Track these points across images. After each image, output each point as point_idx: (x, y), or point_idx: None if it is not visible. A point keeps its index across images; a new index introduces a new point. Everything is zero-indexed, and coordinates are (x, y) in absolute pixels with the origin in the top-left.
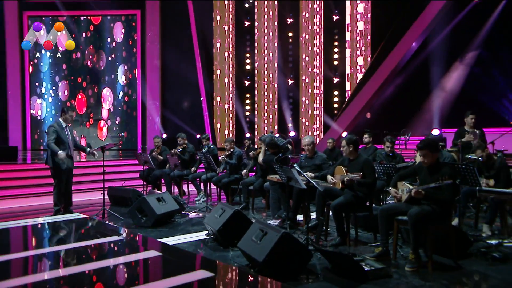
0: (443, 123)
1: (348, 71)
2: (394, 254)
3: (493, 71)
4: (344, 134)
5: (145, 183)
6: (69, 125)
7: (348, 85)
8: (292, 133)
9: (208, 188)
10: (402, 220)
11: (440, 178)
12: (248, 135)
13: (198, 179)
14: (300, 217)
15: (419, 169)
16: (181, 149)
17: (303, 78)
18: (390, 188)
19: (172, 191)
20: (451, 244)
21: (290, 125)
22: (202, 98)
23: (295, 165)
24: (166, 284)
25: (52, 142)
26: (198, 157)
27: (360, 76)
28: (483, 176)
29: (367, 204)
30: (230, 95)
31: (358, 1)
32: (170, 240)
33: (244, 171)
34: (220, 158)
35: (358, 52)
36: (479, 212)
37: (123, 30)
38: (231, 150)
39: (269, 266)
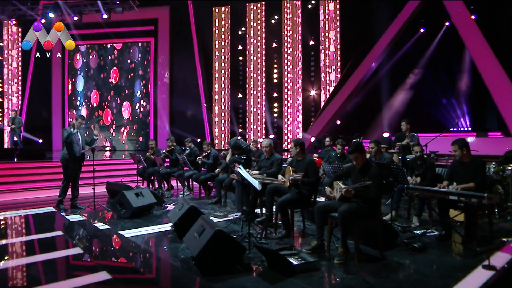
0: (394, 129)
1: (322, 86)
2: (328, 247)
3: (435, 87)
4: (313, 139)
5: (141, 179)
6: (79, 129)
7: (322, 97)
8: (271, 136)
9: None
10: (334, 216)
11: (367, 178)
12: (239, 137)
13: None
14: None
15: (352, 170)
16: (168, 150)
17: (285, 91)
18: (326, 187)
19: (163, 186)
20: (378, 237)
21: (271, 135)
22: (204, 105)
23: (239, 167)
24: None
25: (64, 140)
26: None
27: (331, 89)
28: (415, 174)
29: (312, 199)
30: (225, 107)
31: (329, 29)
32: (139, 231)
33: (217, 169)
34: (197, 158)
35: (330, 70)
36: (411, 206)
37: (139, 54)
38: (208, 151)
39: (203, 261)
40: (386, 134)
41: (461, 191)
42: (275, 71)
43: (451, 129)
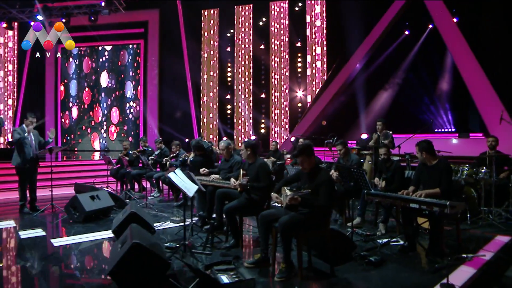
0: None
1: (309, 87)
2: (272, 261)
3: (418, 89)
4: (293, 139)
5: (115, 180)
6: (31, 129)
7: (309, 98)
8: (252, 137)
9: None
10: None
11: (314, 184)
12: (224, 139)
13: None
14: None
15: (301, 174)
16: (139, 150)
17: (273, 92)
18: (272, 193)
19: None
20: (329, 250)
21: (253, 136)
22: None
23: (175, 171)
24: None
25: (15, 142)
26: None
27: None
28: (382, 178)
29: (266, 206)
30: (213, 107)
31: (315, 29)
32: (82, 237)
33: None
34: (164, 159)
35: (316, 71)
36: (378, 211)
37: (130, 56)
38: (177, 152)
39: (117, 276)
40: (364, 136)
41: (422, 199)
42: (262, 72)
43: (436, 130)
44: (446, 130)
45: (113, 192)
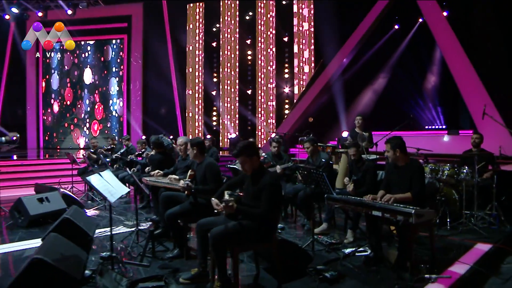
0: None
1: (296, 83)
2: (212, 276)
3: (407, 84)
4: (233, 135)
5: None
6: None
7: (296, 96)
8: (232, 135)
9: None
10: None
11: (256, 188)
12: (208, 136)
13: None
14: None
15: (245, 177)
16: (107, 149)
17: (259, 87)
18: (212, 199)
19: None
20: (277, 264)
21: (233, 134)
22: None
23: (99, 173)
24: None
25: None
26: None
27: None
28: (352, 180)
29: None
30: (199, 103)
31: (303, 25)
32: (15, 246)
33: (147, 168)
34: (129, 157)
35: (304, 66)
36: (347, 217)
37: (113, 52)
38: (142, 150)
39: None
40: (345, 134)
41: (385, 205)
42: (249, 68)
43: (426, 127)
44: (436, 127)
45: (69, 194)
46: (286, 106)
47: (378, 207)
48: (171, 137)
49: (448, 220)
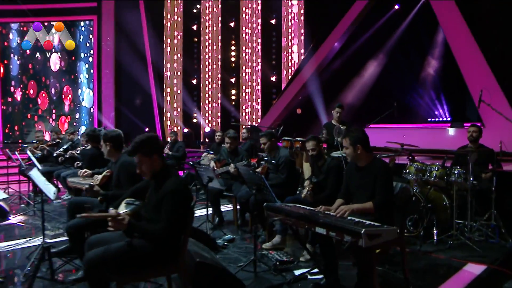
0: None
1: (284, 69)
2: None
3: (406, 71)
4: (207, 129)
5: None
6: None
7: (284, 84)
8: (207, 129)
9: None
10: None
11: (155, 198)
12: (185, 130)
13: None
14: None
15: (151, 184)
16: (50, 144)
17: (243, 75)
18: (111, 209)
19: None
20: None
21: (207, 128)
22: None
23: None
24: None
25: None
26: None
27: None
28: (313, 182)
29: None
30: (177, 93)
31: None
32: None
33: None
34: (68, 153)
35: (290, 50)
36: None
37: (81, 34)
38: (86, 145)
39: None
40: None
41: (331, 220)
42: (232, 53)
43: (429, 119)
44: (441, 119)
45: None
46: (274, 96)
47: (322, 223)
48: (146, 129)
49: (435, 231)
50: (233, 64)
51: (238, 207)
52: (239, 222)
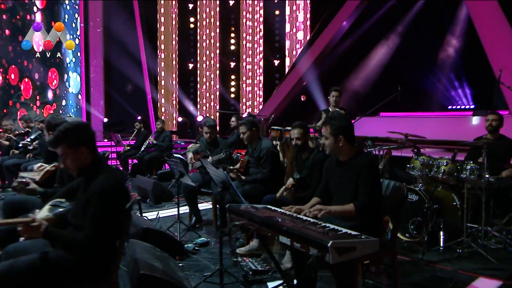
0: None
1: (287, 50)
2: None
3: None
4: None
5: None
6: None
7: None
8: (199, 118)
9: None
10: None
11: (82, 201)
12: (180, 119)
13: None
14: None
15: (81, 181)
16: (19, 133)
17: (244, 59)
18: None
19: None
20: None
21: (200, 117)
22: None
23: None
24: None
25: None
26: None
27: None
28: (295, 179)
29: None
30: (171, 77)
31: None
32: None
33: None
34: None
35: (295, 30)
36: None
37: (66, 14)
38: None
39: None
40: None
41: (294, 229)
42: (232, 35)
43: (449, 107)
44: (463, 107)
45: None
46: (276, 82)
47: (286, 231)
48: (139, 117)
49: (441, 237)
50: (233, 48)
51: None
52: (218, 223)
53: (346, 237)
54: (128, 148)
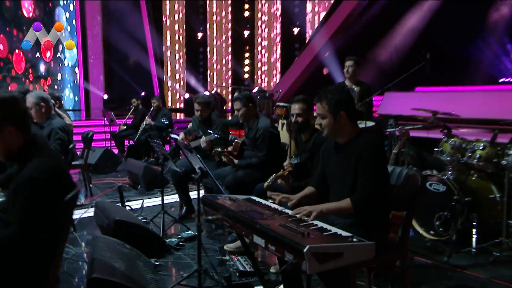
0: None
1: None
2: None
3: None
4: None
5: None
6: None
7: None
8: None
9: None
10: None
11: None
12: (187, 95)
13: None
14: None
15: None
16: None
17: (259, 32)
18: None
19: None
20: None
21: (206, 92)
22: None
23: None
24: None
25: None
26: None
27: None
28: (294, 164)
29: None
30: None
31: None
32: None
33: None
34: None
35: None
36: None
37: None
38: None
39: None
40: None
41: (267, 228)
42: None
43: (501, 79)
44: None
45: None
46: (296, 53)
47: (260, 230)
48: (143, 93)
49: (474, 237)
50: (246, 14)
51: None
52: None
53: (331, 240)
54: (124, 127)
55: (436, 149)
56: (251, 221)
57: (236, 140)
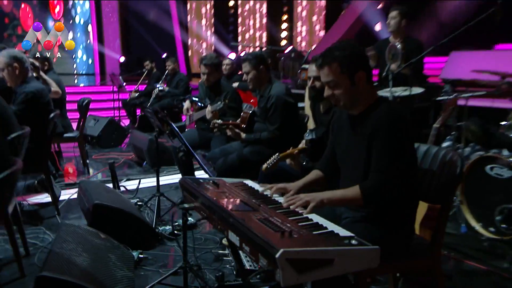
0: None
1: None
2: None
3: None
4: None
5: None
6: None
7: None
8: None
9: None
10: None
11: None
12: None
13: None
14: None
15: None
16: None
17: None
18: None
19: None
20: None
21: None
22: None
23: None
24: None
25: None
26: None
27: None
28: (308, 140)
29: None
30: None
31: None
32: None
33: None
34: None
35: None
36: None
37: None
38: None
39: None
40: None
41: (245, 224)
42: None
43: None
44: None
45: None
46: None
47: (233, 225)
48: (164, 55)
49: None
50: None
51: None
52: None
53: (319, 243)
54: (136, 95)
55: (503, 122)
56: (226, 213)
57: (244, 110)
